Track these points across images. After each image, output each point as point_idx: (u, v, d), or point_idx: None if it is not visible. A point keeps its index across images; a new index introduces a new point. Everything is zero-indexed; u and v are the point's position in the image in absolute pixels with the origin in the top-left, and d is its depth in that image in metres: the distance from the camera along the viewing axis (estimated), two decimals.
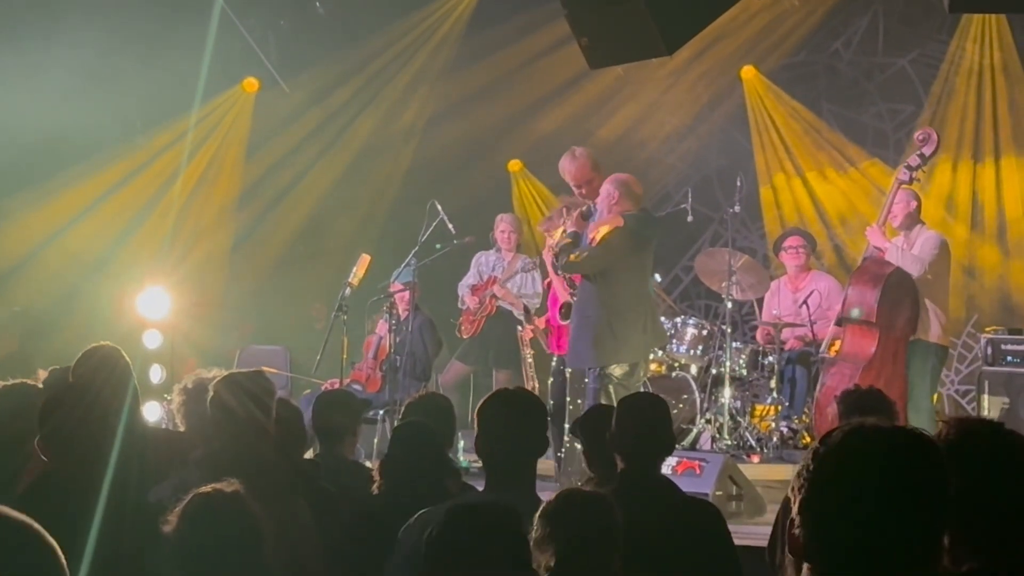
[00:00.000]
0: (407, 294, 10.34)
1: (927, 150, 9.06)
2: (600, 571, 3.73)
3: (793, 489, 2.04)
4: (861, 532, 1.95)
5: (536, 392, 7.95)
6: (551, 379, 9.41)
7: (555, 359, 9.45)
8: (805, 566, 2.01)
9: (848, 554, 1.96)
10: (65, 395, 4.17)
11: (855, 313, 9.03)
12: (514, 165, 14.41)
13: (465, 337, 11.15)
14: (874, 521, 1.95)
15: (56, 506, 3.80)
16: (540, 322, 10.18)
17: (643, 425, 4.88)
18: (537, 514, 3.74)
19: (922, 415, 8.77)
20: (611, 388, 8.23)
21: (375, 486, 4.91)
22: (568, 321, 8.57)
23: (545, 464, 6.93)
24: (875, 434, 2.02)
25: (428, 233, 10.37)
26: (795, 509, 2.04)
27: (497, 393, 4.87)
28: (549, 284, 10.39)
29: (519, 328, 10.49)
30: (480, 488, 5.44)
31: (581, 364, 8.51)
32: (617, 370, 8.39)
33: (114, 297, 11.65)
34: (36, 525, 1.87)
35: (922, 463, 1.99)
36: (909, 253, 8.95)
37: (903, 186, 9.07)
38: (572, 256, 8.46)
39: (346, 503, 5.01)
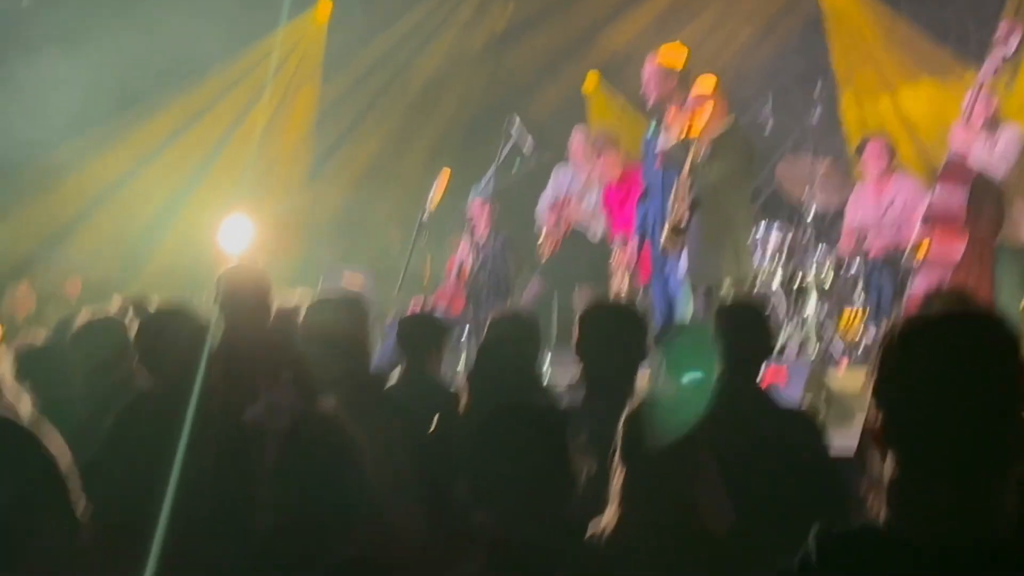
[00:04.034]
0: (487, 214, 10.34)
1: (1012, 45, 8.85)
2: (684, 471, 3.72)
3: (866, 377, 2.03)
4: (929, 414, 1.92)
5: None
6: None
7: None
8: (888, 457, 1.99)
9: (923, 438, 1.93)
10: (156, 318, 4.24)
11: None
12: (591, 78, 14.32)
13: (545, 256, 11.15)
14: (941, 402, 1.92)
15: (148, 428, 3.88)
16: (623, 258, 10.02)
17: (742, 332, 4.87)
18: (623, 417, 3.74)
19: None
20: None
21: (462, 403, 4.94)
22: (681, 239, 8.32)
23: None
24: (941, 317, 2.00)
25: (507, 150, 10.34)
26: (868, 395, 2.02)
27: (599, 303, 4.91)
28: (611, 209, 10.35)
29: (612, 254, 10.45)
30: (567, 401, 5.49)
31: (708, 279, 8.33)
32: (729, 286, 8.26)
33: (197, 227, 11.79)
34: (20, 421, 1.88)
35: (987, 343, 1.96)
36: (993, 153, 8.80)
37: (986, 84, 8.89)
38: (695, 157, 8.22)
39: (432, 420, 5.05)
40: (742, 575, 2.02)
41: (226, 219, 11.04)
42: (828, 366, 9.41)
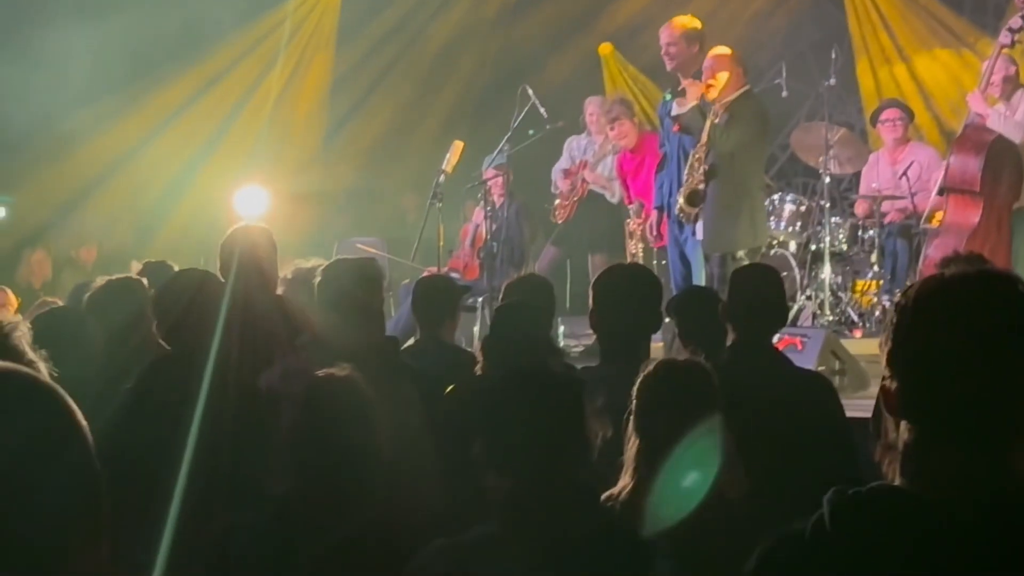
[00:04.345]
0: (501, 181, 10.34)
1: None
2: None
3: (881, 345, 1.99)
4: (947, 376, 1.88)
5: None
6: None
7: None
8: (903, 423, 1.95)
9: (941, 400, 1.89)
10: (174, 282, 4.25)
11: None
12: (604, 48, 14.27)
13: (559, 222, 11.14)
14: (959, 364, 1.87)
15: (165, 393, 3.89)
16: (637, 225, 10.02)
17: (757, 295, 4.87)
18: (636, 383, 3.76)
19: None
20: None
21: (478, 367, 4.95)
22: (696, 207, 8.29)
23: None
24: (955, 279, 1.95)
25: (520, 119, 10.31)
26: (883, 362, 1.98)
27: (613, 267, 4.91)
28: (625, 177, 10.34)
29: (628, 221, 10.44)
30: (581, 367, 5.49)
31: (724, 248, 8.32)
32: (744, 254, 8.25)
33: (211, 196, 11.81)
34: (41, 377, 1.88)
35: (1005, 302, 1.91)
36: (1011, 119, 8.76)
37: (1004, 50, 8.84)
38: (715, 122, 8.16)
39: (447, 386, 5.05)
40: (757, 539, 1.99)
41: (240, 189, 11.05)
42: (842, 334, 9.40)
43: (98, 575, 1.79)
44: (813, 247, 10.31)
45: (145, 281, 5.50)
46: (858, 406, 6.39)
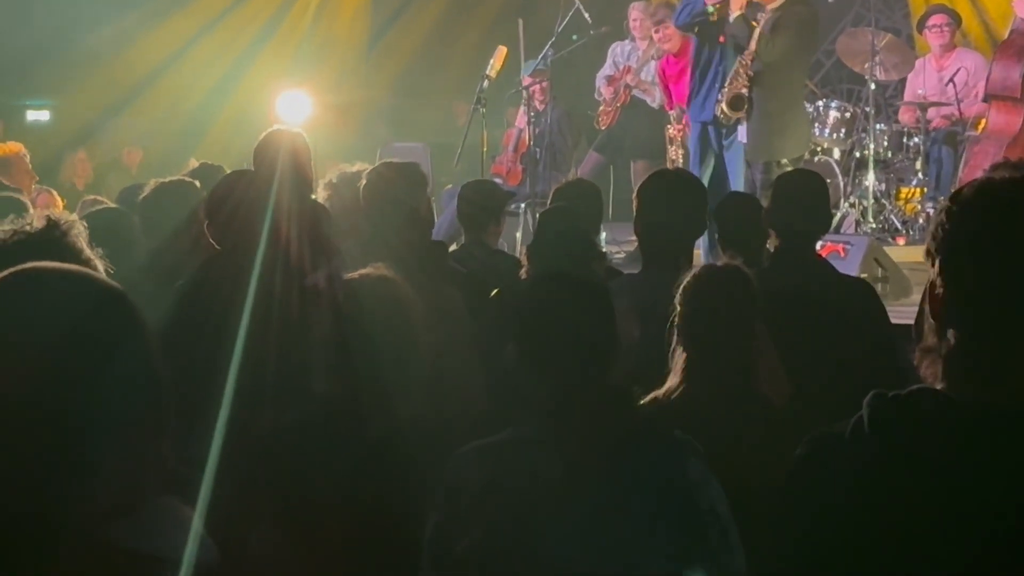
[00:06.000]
0: (544, 87, 10.30)
1: None
2: (741, 340, 3.76)
3: (928, 251, 1.95)
4: (994, 284, 1.85)
5: None
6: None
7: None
8: (949, 331, 1.92)
9: (986, 308, 1.87)
10: (224, 183, 4.28)
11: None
12: None
13: (602, 128, 11.09)
14: (1005, 272, 1.85)
15: (216, 292, 3.93)
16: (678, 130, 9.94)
17: (802, 201, 4.86)
18: (679, 290, 3.77)
19: None
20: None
21: (523, 271, 4.97)
22: (739, 112, 8.20)
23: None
24: (1004, 183, 1.92)
25: (564, 24, 10.26)
26: (928, 265, 1.95)
27: (658, 173, 4.90)
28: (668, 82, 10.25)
29: (668, 127, 10.38)
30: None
31: (769, 156, 8.24)
32: (788, 162, 8.20)
33: (255, 101, 11.81)
34: (99, 276, 1.91)
35: None
36: None
37: None
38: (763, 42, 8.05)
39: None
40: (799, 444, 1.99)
41: (282, 94, 11.05)
42: (886, 241, 9.37)
43: (160, 468, 1.84)
44: (857, 154, 10.26)
45: (198, 183, 5.53)
46: (900, 313, 6.39)
